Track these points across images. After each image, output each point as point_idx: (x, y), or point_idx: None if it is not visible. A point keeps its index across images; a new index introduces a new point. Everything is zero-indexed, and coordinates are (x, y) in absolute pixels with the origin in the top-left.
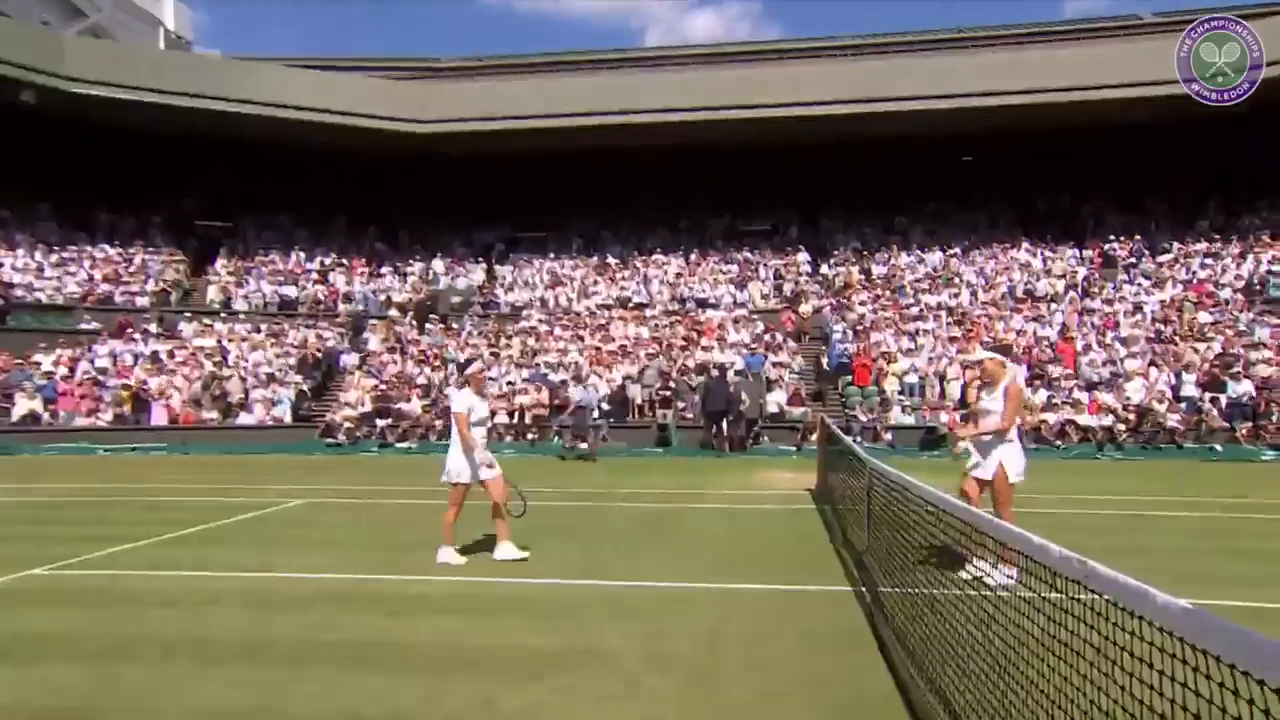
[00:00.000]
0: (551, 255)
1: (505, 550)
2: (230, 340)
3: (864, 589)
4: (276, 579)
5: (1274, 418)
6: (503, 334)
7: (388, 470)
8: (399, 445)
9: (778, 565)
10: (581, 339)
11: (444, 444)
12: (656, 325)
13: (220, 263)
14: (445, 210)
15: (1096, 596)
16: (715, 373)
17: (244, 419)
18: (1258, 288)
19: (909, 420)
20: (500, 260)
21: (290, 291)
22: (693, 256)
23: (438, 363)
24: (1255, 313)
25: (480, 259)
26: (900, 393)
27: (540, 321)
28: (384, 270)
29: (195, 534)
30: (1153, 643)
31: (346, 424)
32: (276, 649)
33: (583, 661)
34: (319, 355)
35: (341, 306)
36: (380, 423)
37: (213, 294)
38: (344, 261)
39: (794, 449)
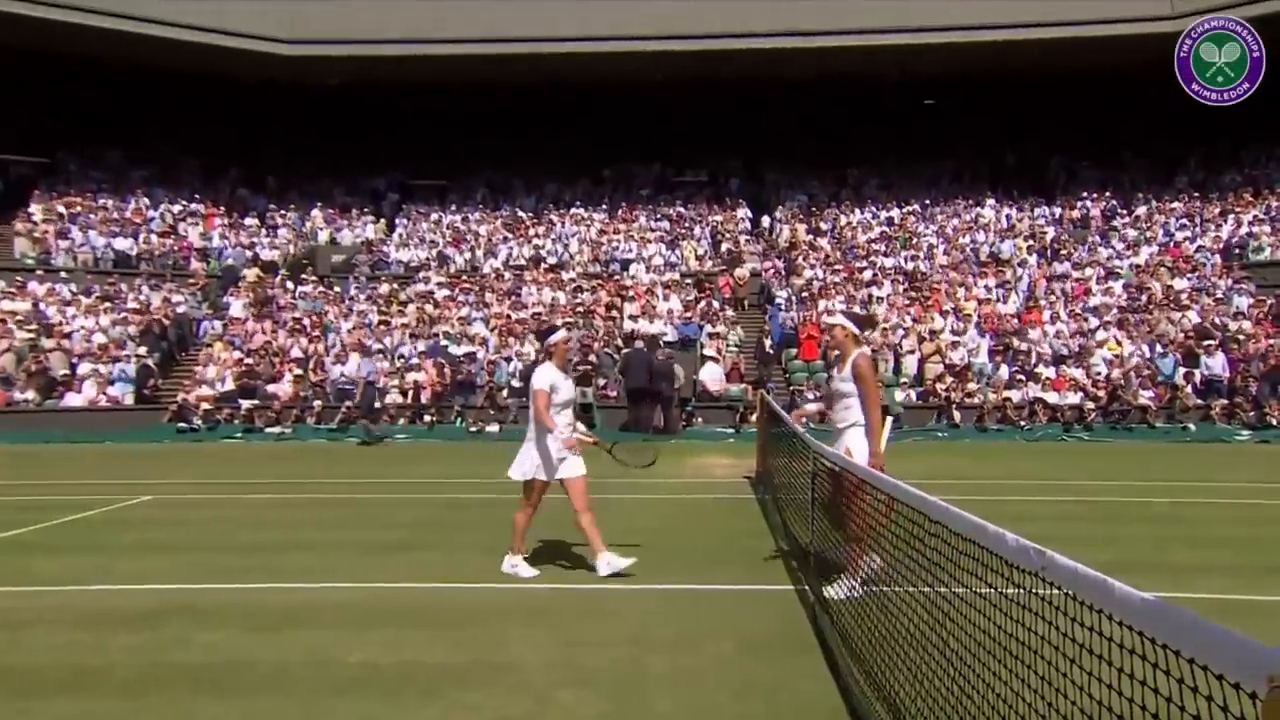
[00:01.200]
0: (453, 207)
1: (608, 562)
2: (50, 303)
3: (807, 588)
4: (115, 592)
5: (1252, 393)
6: (395, 299)
7: (255, 460)
8: (269, 430)
9: (711, 562)
10: (487, 305)
11: (327, 429)
12: (575, 289)
13: (35, 208)
14: (324, 151)
15: (1056, 590)
16: (639, 344)
17: (71, 400)
18: (1237, 251)
19: None
20: (392, 212)
21: (127, 245)
22: (618, 210)
23: (316, 332)
24: (1234, 279)
25: (368, 210)
26: None
27: (439, 285)
28: (249, 221)
29: (7, 540)
30: (1112, 638)
31: (204, 405)
32: (115, 676)
33: (487, 677)
34: (167, 323)
35: (196, 264)
36: (245, 403)
37: (24, 246)
38: (198, 209)
39: (732, 431)
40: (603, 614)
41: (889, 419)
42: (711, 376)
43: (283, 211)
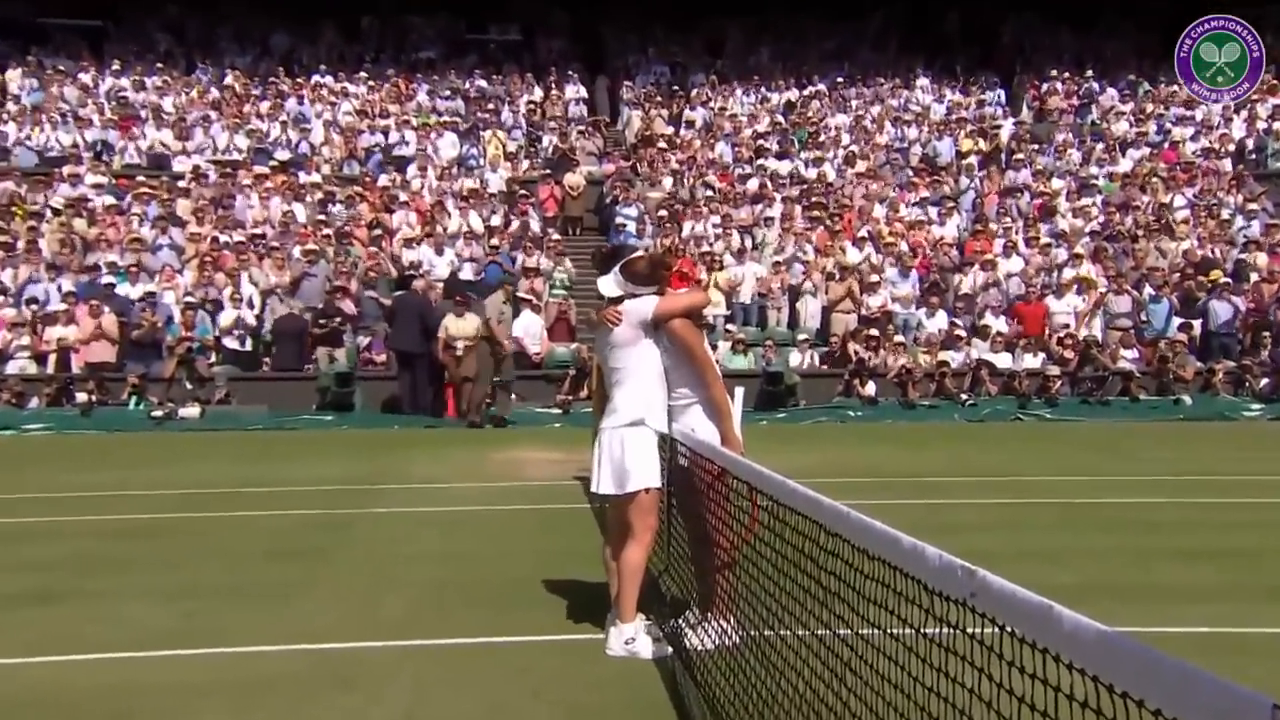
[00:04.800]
0: (116, 64)
1: (627, 640)
2: None
3: (660, 633)
4: None
5: (1265, 354)
6: (20, 208)
7: None
8: None
9: (521, 601)
10: (181, 222)
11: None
12: (322, 201)
13: None
14: None
15: (991, 626)
16: (420, 286)
17: None
18: (1252, 156)
19: (741, 362)
20: (10, 67)
21: None
22: (385, 82)
23: None
24: (1246, 194)
25: None
26: (729, 318)
27: (97, 188)
28: None
29: None
30: (1059, 688)
31: None
32: None
33: None
34: None
35: None
36: None
37: None
38: None
39: (558, 411)
40: (357, 685)
41: (738, 390)
42: (529, 332)
43: None
